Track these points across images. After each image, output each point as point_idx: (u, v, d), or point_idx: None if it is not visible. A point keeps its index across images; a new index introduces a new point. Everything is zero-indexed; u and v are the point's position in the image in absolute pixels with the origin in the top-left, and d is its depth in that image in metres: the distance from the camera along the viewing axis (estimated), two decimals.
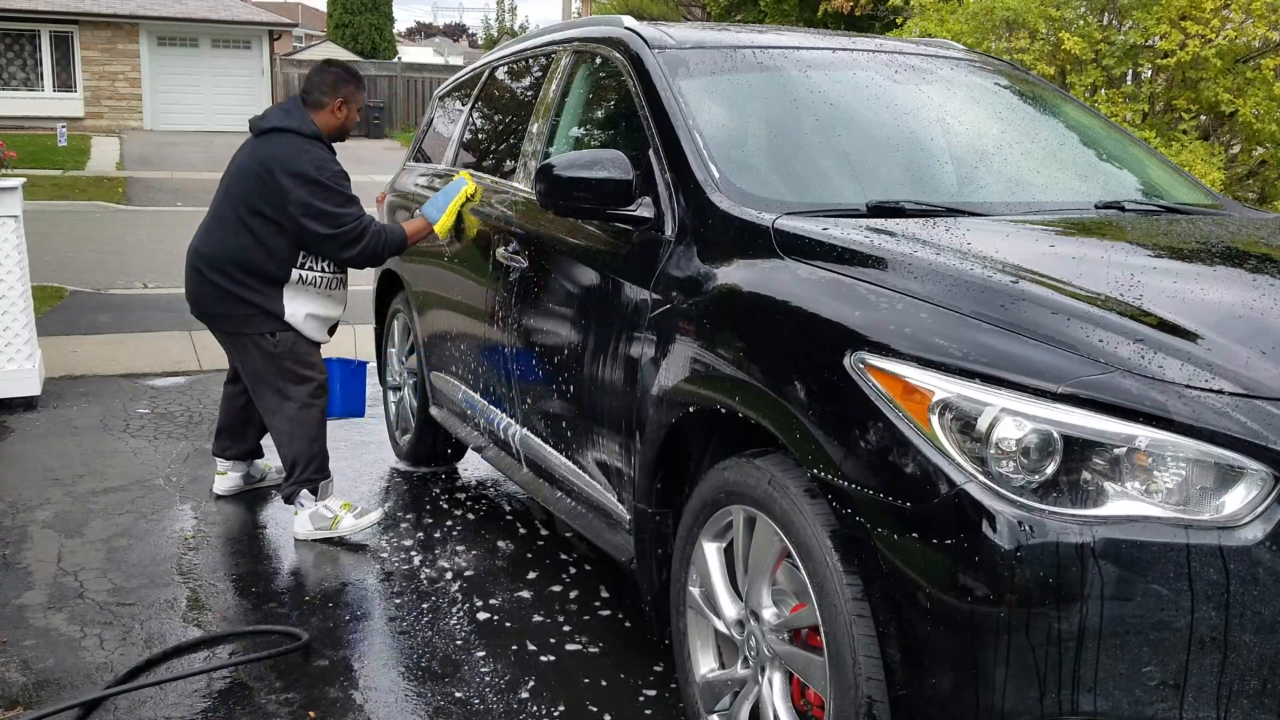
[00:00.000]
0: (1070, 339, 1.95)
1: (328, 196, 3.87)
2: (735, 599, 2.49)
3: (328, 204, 3.86)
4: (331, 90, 4.07)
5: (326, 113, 4.04)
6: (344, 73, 4.15)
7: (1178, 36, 7.37)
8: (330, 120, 4.06)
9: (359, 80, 4.19)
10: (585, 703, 2.95)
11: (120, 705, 2.88)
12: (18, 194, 5.54)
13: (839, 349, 2.12)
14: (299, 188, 3.84)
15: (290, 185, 3.84)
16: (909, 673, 1.97)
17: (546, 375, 3.35)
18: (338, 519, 4.05)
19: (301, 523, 4.06)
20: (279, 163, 3.87)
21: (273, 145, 3.93)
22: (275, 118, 4.02)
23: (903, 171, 3.10)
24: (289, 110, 4.04)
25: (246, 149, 4.02)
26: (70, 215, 13.83)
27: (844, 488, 2.05)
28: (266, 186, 3.87)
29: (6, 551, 3.86)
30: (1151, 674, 1.78)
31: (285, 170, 3.85)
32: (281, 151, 3.90)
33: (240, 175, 3.96)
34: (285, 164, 3.86)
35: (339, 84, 4.09)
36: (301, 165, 3.86)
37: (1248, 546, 1.77)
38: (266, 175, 3.87)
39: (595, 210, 2.91)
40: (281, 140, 3.94)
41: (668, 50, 3.25)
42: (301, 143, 3.94)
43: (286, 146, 3.92)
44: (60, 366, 6.30)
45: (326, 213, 3.86)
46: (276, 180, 3.84)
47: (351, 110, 4.12)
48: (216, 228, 4.00)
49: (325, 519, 4.04)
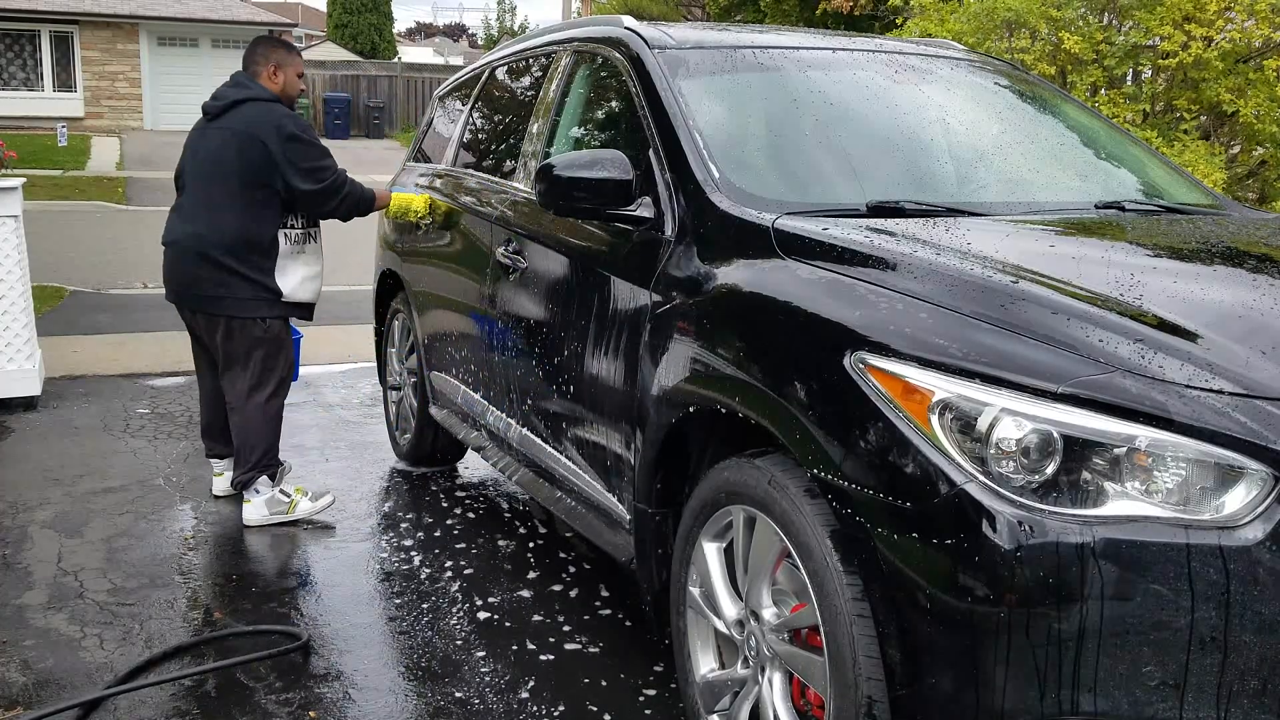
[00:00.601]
0: (1070, 339, 1.95)
1: (310, 151, 4.02)
2: (735, 599, 2.49)
3: (312, 159, 4.02)
4: (263, 58, 4.16)
5: (264, 79, 4.14)
6: (270, 41, 4.29)
7: (1180, 37, 7.37)
8: (270, 87, 4.13)
9: (288, 47, 4.29)
10: (585, 702, 2.95)
11: (120, 705, 2.88)
12: (18, 194, 5.54)
13: (839, 349, 2.12)
14: (286, 146, 3.96)
15: (277, 146, 3.94)
16: (909, 673, 1.97)
17: (546, 375, 3.35)
18: (294, 503, 4.17)
19: (255, 509, 4.14)
20: (259, 128, 3.95)
21: (244, 116, 4.01)
22: (234, 92, 4.10)
23: (903, 171, 3.10)
24: (241, 83, 4.13)
25: (211, 131, 4.07)
26: (70, 215, 13.84)
27: (844, 488, 2.05)
28: (254, 155, 3.95)
29: (6, 551, 3.86)
30: (1151, 674, 1.78)
31: (269, 134, 3.94)
32: (258, 118, 3.99)
33: (218, 155, 4.01)
34: (266, 128, 3.95)
35: (268, 51, 4.19)
36: (282, 125, 3.97)
37: (1248, 546, 1.77)
38: (250, 144, 3.95)
39: (595, 210, 2.91)
40: (252, 109, 4.03)
41: (668, 50, 3.25)
42: (270, 106, 4.05)
43: (259, 113, 4.01)
44: (60, 366, 6.30)
45: (314, 168, 4.01)
46: (263, 146, 3.93)
47: (289, 74, 4.19)
48: (205, 210, 4.03)
49: (282, 504, 4.16)
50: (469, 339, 4.06)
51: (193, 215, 4.07)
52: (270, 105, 4.05)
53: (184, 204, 4.15)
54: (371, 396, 6.07)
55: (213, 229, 4.01)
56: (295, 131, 3.98)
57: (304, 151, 3.99)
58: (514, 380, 3.64)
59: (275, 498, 4.15)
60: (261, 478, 4.14)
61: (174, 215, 4.17)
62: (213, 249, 4.00)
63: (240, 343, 4.07)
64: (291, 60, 4.22)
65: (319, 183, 4.02)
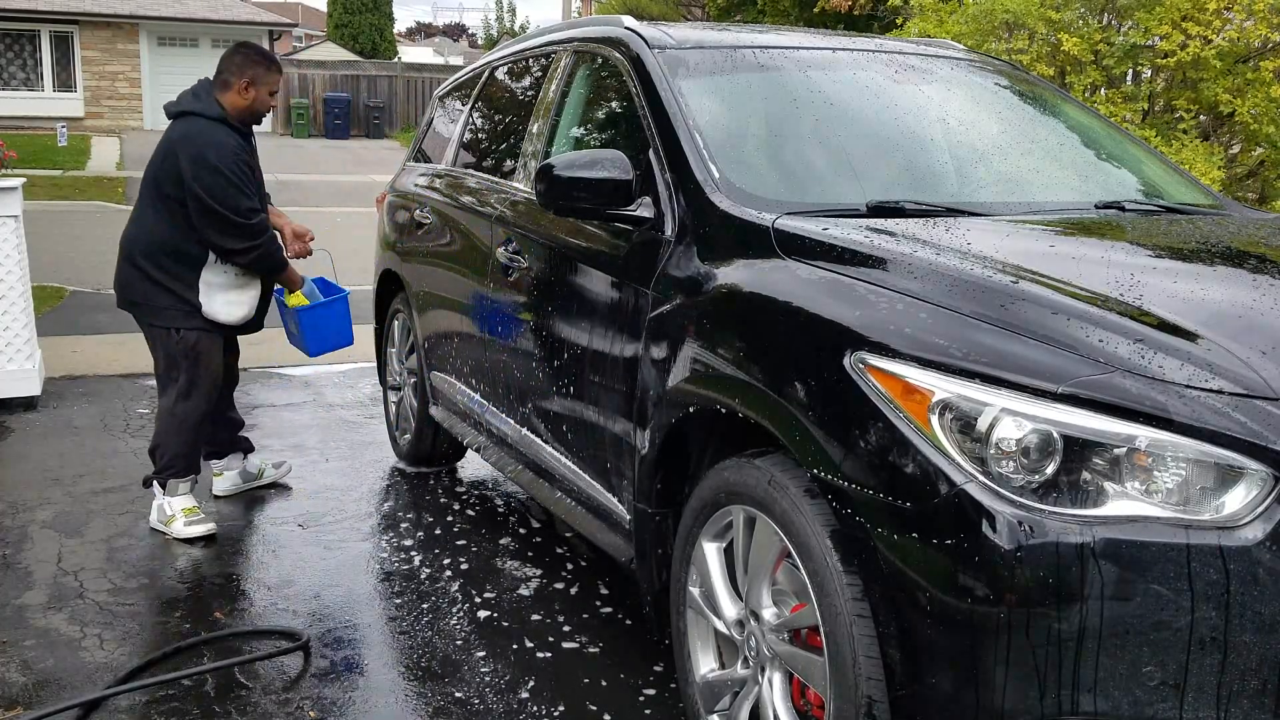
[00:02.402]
0: (1070, 339, 1.95)
1: (224, 187, 3.87)
2: (735, 599, 2.49)
3: (223, 194, 3.87)
4: (238, 70, 4.03)
5: (233, 93, 4.00)
6: (253, 54, 4.11)
7: (1178, 37, 7.38)
8: (237, 101, 4.01)
9: (270, 63, 4.12)
10: (585, 702, 2.95)
11: (120, 705, 2.89)
12: (18, 194, 5.54)
13: (839, 349, 2.12)
14: (198, 174, 3.85)
15: (190, 170, 3.86)
16: (909, 673, 1.97)
17: (546, 375, 3.35)
18: (172, 519, 4.05)
19: (153, 511, 4.12)
20: (183, 147, 3.89)
21: (180, 129, 3.96)
22: (185, 101, 4.02)
23: (903, 171, 3.10)
24: (197, 93, 4.04)
25: (165, 134, 4.05)
26: (70, 215, 13.83)
27: (844, 488, 2.05)
28: (174, 170, 3.90)
29: (6, 551, 3.86)
30: (1151, 674, 1.78)
31: (187, 155, 3.87)
32: (187, 135, 3.92)
33: (155, 160, 3.99)
34: (188, 148, 3.88)
35: (246, 65, 4.04)
36: (201, 150, 3.87)
37: (1248, 546, 1.77)
38: (173, 159, 3.90)
39: (595, 210, 2.91)
40: (188, 124, 3.96)
41: (668, 50, 3.25)
42: (204, 126, 3.94)
43: (191, 130, 3.94)
44: (60, 366, 6.30)
45: (220, 204, 3.86)
46: (179, 164, 3.88)
47: (260, 92, 4.05)
48: (141, 214, 4.03)
49: (165, 515, 4.07)
50: (469, 339, 4.06)
51: (131, 218, 4.10)
52: (209, 126, 3.94)
53: (137, 209, 4.14)
54: (371, 396, 6.07)
55: (139, 233, 4.02)
56: (213, 162, 3.86)
57: (219, 184, 3.86)
58: (514, 380, 3.64)
59: (162, 507, 4.08)
60: (155, 484, 4.11)
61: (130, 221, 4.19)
62: (137, 254, 4.00)
63: (157, 349, 4.08)
64: (269, 79, 4.08)
65: (224, 223, 3.88)
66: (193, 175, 3.85)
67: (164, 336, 4.04)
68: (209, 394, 4.11)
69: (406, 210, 4.79)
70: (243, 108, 4.03)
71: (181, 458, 4.09)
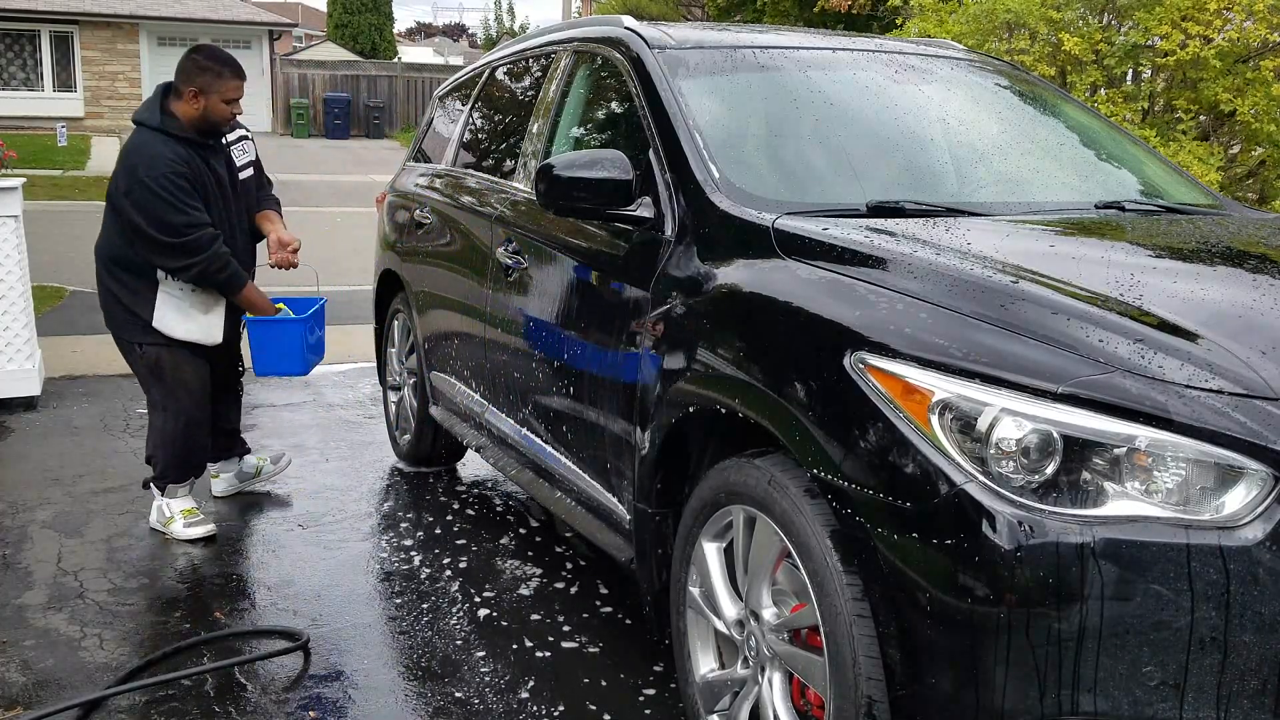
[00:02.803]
0: (1070, 339, 1.95)
1: (150, 201, 3.70)
2: (735, 599, 2.49)
3: (149, 208, 3.70)
4: (185, 78, 3.84)
5: (183, 102, 3.82)
6: (204, 60, 3.87)
7: (1178, 37, 7.37)
8: (188, 110, 3.82)
9: (222, 69, 3.86)
10: (585, 702, 2.95)
11: (120, 705, 2.89)
12: (18, 194, 5.54)
13: (839, 349, 2.12)
14: (129, 188, 3.73)
15: (122, 184, 3.74)
16: (909, 673, 1.97)
17: (546, 375, 3.35)
18: (171, 520, 4.01)
19: (152, 513, 4.09)
20: (123, 158, 3.79)
21: (128, 140, 3.87)
22: (138, 110, 3.91)
23: (903, 171, 3.10)
24: (148, 102, 3.91)
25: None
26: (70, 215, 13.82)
27: (844, 488, 2.05)
28: (116, 184, 3.80)
29: (6, 551, 3.85)
30: (1151, 674, 1.78)
31: (121, 167, 3.77)
32: (128, 147, 3.82)
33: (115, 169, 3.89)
34: (123, 160, 3.78)
35: (194, 72, 3.83)
36: (133, 164, 3.74)
37: (1248, 546, 1.77)
38: (116, 172, 3.80)
39: (595, 210, 2.91)
40: (134, 135, 3.85)
41: (668, 50, 3.25)
42: (144, 138, 3.80)
43: (133, 141, 3.82)
44: (60, 366, 6.30)
45: (146, 220, 3.71)
46: (118, 177, 3.77)
47: (210, 101, 3.82)
48: (103, 224, 3.95)
49: (164, 517, 4.03)
50: (469, 339, 4.06)
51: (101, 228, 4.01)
52: (148, 138, 3.77)
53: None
54: (371, 396, 6.07)
55: (100, 244, 3.96)
56: (140, 176, 3.69)
57: (144, 199, 3.70)
58: (514, 380, 3.64)
59: (161, 509, 4.05)
60: (153, 487, 4.08)
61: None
62: (99, 264, 3.96)
63: (129, 362, 4.02)
64: (220, 86, 3.83)
65: (165, 238, 3.72)
66: (123, 189, 3.74)
67: (128, 351, 3.98)
68: (189, 407, 3.99)
69: (406, 210, 4.79)
70: (195, 118, 3.84)
71: (174, 467, 4.04)
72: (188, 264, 3.79)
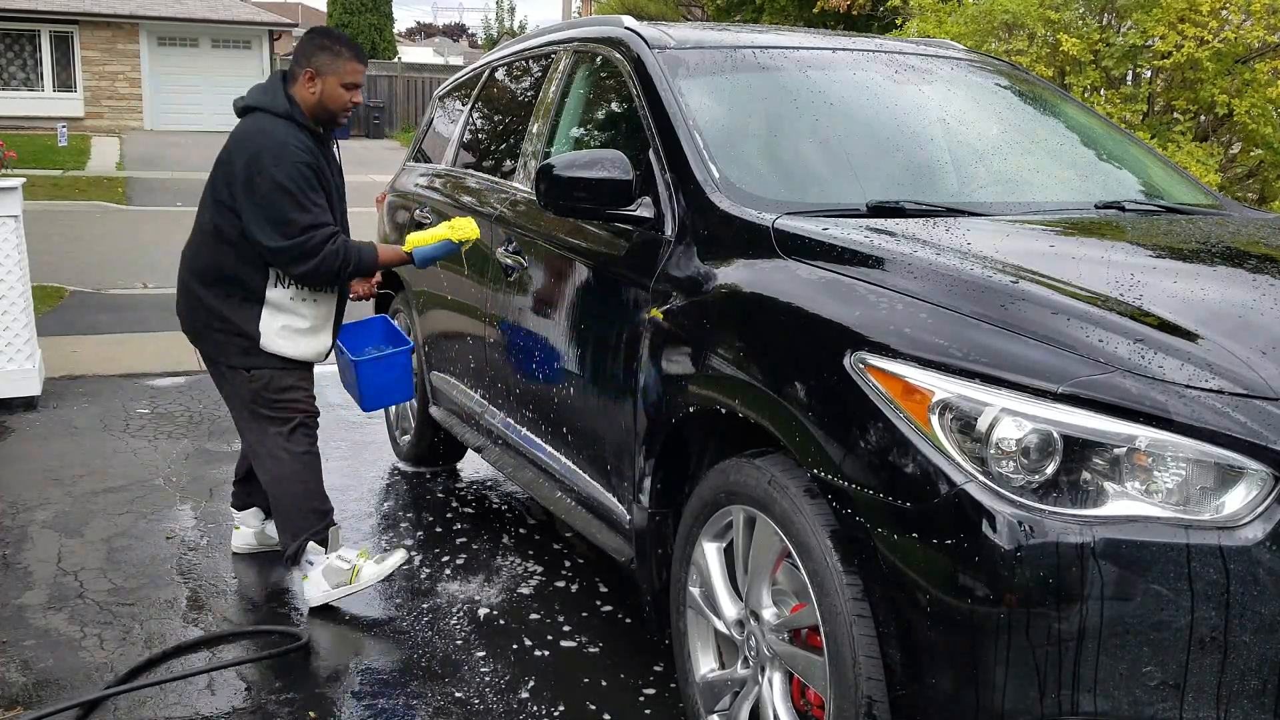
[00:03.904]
0: (1070, 339, 1.95)
1: (279, 196, 3.23)
2: (735, 599, 2.49)
3: (277, 205, 3.23)
4: (302, 58, 3.41)
5: (299, 86, 3.39)
6: (321, 38, 3.46)
7: (1175, 38, 7.38)
8: (304, 96, 3.38)
9: (341, 49, 3.42)
10: (585, 702, 2.95)
11: (120, 705, 2.89)
12: (18, 194, 5.54)
13: (839, 349, 2.12)
14: (246, 178, 3.25)
15: (242, 175, 3.25)
16: (909, 673, 1.97)
17: (546, 375, 3.35)
18: (356, 569, 3.48)
19: (315, 585, 3.45)
20: (240, 145, 3.30)
21: (243, 126, 3.36)
22: (253, 94, 3.43)
23: (903, 171, 3.10)
24: (266, 86, 3.45)
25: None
26: (70, 215, 13.83)
27: (844, 488, 2.05)
28: (232, 174, 3.30)
29: (6, 551, 3.86)
30: (1151, 674, 1.79)
31: (243, 154, 3.28)
32: (246, 134, 3.33)
33: (215, 167, 3.40)
34: (245, 147, 3.29)
35: (310, 52, 3.41)
36: (253, 150, 3.26)
37: (1248, 546, 1.77)
38: (231, 161, 3.31)
39: (595, 210, 2.91)
40: (251, 120, 3.36)
41: (668, 50, 3.25)
42: (267, 122, 3.32)
43: (252, 127, 3.33)
44: (60, 366, 6.30)
45: (275, 217, 3.23)
46: (234, 166, 3.29)
47: (328, 84, 3.38)
48: (197, 233, 3.45)
49: (343, 572, 3.46)
50: (469, 339, 4.06)
51: (189, 238, 3.51)
52: (272, 123, 3.31)
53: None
54: None
55: (192, 253, 3.45)
56: (268, 164, 3.22)
57: (269, 194, 3.22)
58: (514, 380, 3.64)
59: (333, 566, 3.46)
60: (309, 544, 3.47)
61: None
62: (189, 277, 3.44)
63: (233, 391, 3.47)
64: (338, 67, 3.39)
65: (281, 238, 3.24)
66: (242, 180, 3.25)
67: (229, 379, 3.44)
68: (311, 422, 3.52)
69: (406, 210, 4.79)
70: (312, 104, 3.39)
71: (315, 512, 3.50)
72: (306, 267, 3.29)
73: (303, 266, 3.30)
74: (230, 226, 3.32)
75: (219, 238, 3.36)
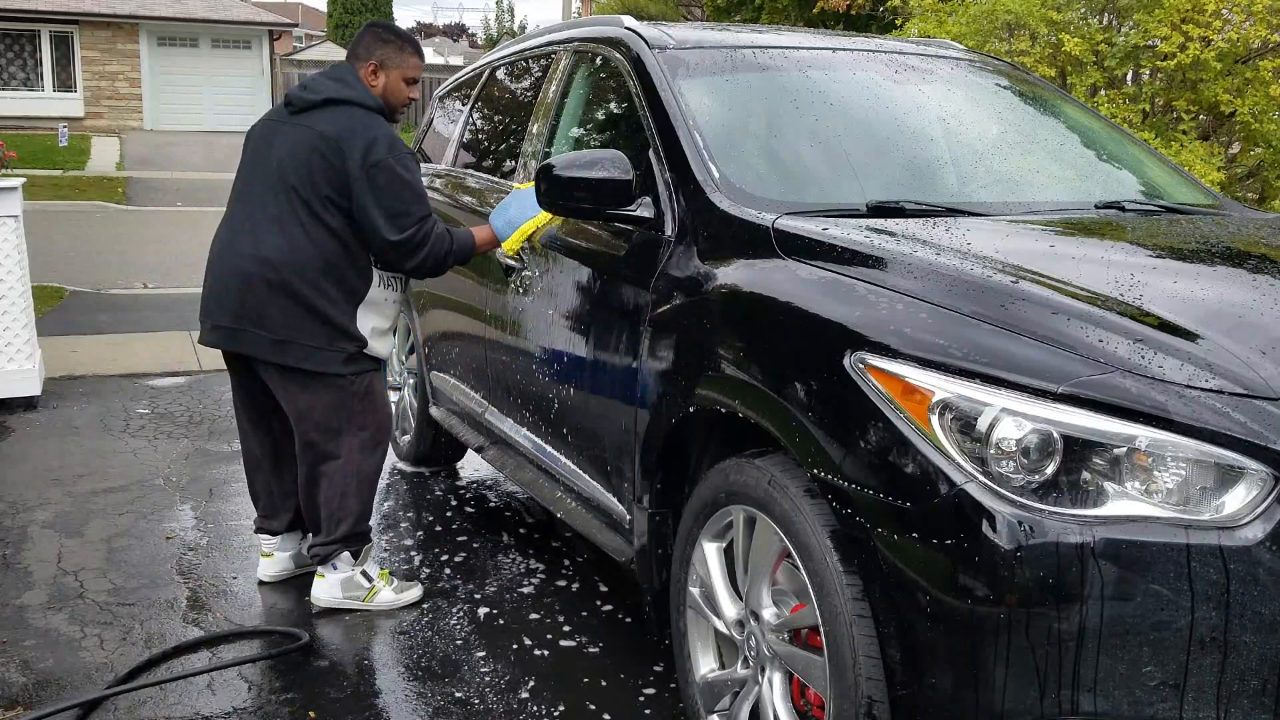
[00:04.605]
0: (1070, 339, 1.95)
1: (400, 188, 3.18)
2: (735, 599, 2.49)
3: (399, 197, 3.18)
4: (365, 53, 3.36)
5: (363, 79, 3.35)
6: (382, 31, 3.40)
7: (1178, 38, 7.38)
8: (370, 90, 3.35)
9: (404, 44, 3.39)
10: (585, 702, 2.95)
11: (120, 705, 2.89)
12: (18, 194, 5.54)
13: (839, 349, 2.12)
14: (370, 172, 3.16)
15: (358, 169, 3.16)
16: (909, 673, 1.97)
17: (546, 375, 3.35)
18: (374, 590, 3.45)
19: (328, 587, 3.42)
20: (346, 141, 3.18)
21: (333, 120, 3.22)
22: (329, 87, 3.29)
23: (903, 171, 3.10)
24: (343, 78, 3.32)
25: (290, 129, 3.28)
26: (70, 215, 13.83)
27: (844, 488, 2.05)
28: (334, 170, 3.18)
29: (6, 551, 3.86)
30: (1151, 674, 1.78)
31: (354, 148, 3.16)
32: (347, 127, 3.20)
33: (297, 160, 3.21)
34: (353, 141, 3.18)
35: (373, 44, 3.36)
36: (374, 144, 3.17)
37: (1248, 546, 1.77)
38: (334, 156, 3.17)
39: (595, 210, 2.91)
40: (345, 114, 3.24)
41: (668, 50, 3.25)
42: (368, 117, 3.26)
43: (350, 121, 3.22)
44: (60, 366, 6.30)
45: (398, 212, 3.18)
46: (345, 163, 3.16)
47: (391, 78, 3.35)
48: (278, 227, 3.21)
49: (361, 588, 3.43)
50: (469, 339, 4.06)
51: (258, 231, 3.25)
52: (368, 115, 3.25)
53: (242, 215, 3.32)
54: None
55: (280, 251, 3.20)
56: (385, 158, 3.16)
57: (393, 185, 3.17)
58: (514, 380, 3.64)
59: (354, 579, 3.43)
60: (345, 553, 3.42)
61: (227, 229, 3.35)
62: (286, 275, 3.19)
63: (316, 397, 3.29)
64: (400, 61, 3.36)
65: (398, 231, 3.18)
66: (361, 168, 3.15)
67: (325, 387, 3.27)
68: (385, 436, 3.48)
69: None
70: (377, 100, 3.35)
71: (366, 519, 3.45)
72: (417, 259, 3.25)
73: (415, 259, 3.25)
74: (339, 223, 3.21)
75: (330, 236, 3.21)
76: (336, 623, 3.40)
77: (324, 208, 3.20)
